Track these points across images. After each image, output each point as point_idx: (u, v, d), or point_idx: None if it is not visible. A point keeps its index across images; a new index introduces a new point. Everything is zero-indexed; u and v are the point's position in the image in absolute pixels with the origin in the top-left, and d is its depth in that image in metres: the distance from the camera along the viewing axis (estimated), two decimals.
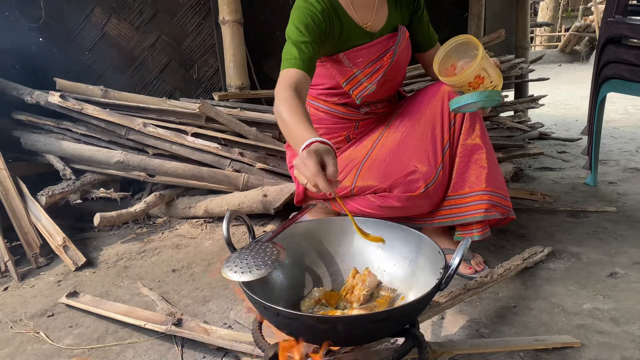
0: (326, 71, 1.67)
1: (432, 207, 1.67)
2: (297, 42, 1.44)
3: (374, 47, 1.64)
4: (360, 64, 1.63)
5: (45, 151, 2.43)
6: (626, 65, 2.18)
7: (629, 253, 1.82)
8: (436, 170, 1.60)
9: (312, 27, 1.48)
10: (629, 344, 1.30)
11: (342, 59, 1.63)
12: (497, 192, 1.62)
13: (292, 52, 1.43)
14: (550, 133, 3.87)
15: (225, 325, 1.47)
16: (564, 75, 9.18)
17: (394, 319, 1.03)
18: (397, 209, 1.62)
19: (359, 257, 1.37)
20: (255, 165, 2.40)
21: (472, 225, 1.66)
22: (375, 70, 1.64)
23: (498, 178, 1.65)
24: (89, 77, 2.79)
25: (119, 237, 2.27)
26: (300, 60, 1.42)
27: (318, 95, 1.75)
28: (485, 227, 1.67)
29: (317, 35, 1.48)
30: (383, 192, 1.64)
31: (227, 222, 1.19)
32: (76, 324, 1.55)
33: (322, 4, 1.53)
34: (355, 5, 1.61)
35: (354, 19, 1.61)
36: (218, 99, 2.68)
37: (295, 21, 1.49)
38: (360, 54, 1.63)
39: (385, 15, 1.66)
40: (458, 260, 1.04)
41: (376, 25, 1.65)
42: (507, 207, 1.66)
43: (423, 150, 1.62)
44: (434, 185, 1.60)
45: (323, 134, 1.78)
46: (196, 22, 2.84)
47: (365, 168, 1.67)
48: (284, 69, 1.43)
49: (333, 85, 1.69)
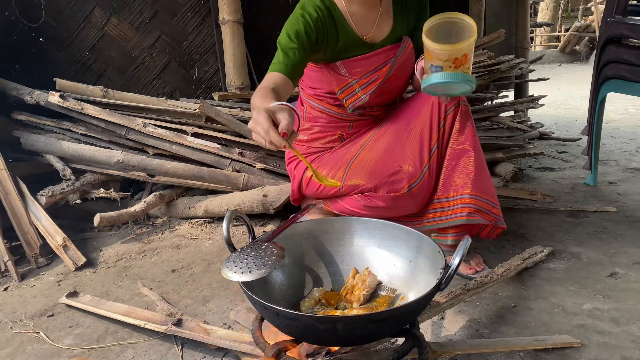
0: (322, 76, 1.68)
1: (418, 208, 1.67)
2: (285, 48, 1.47)
3: (374, 57, 1.63)
4: (357, 74, 1.63)
5: (45, 151, 2.43)
6: (626, 65, 2.18)
7: (629, 253, 1.82)
8: (421, 171, 1.59)
9: (302, 35, 1.48)
10: (629, 344, 1.30)
11: (340, 67, 1.63)
12: (483, 197, 1.59)
13: (279, 57, 1.47)
14: (550, 133, 3.87)
15: (225, 325, 1.47)
16: (564, 75, 9.19)
17: (394, 319, 1.03)
18: (382, 209, 1.62)
19: (359, 257, 1.37)
20: (255, 165, 2.40)
21: (448, 229, 1.65)
22: (371, 82, 1.64)
23: (485, 183, 1.62)
24: (89, 77, 2.79)
25: (118, 237, 2.27)
26: (284, 65, 1.44)
27: (313, 95, 1.75)
28: (462, 233, 1.65)
29: (306, 43, 1.49)
30: (369, 192, 1.64)
31: (227, 222, 1.19)
32: (76, 324, 1.55)
33: (318, 13, 1.53)
34: (355, 17, 1.59)
35: (354, 30, 1.59)
36: (218, 99, 2.68)
37: (287, 28, 1.51)
38: (358, 64, 1.63)
39: (389, 26, 1.64)
40: (458, 260, 1.04)
41: (378, 36, 1.63)
42: (495, 214, 1.61)
43: (410, 151, 1.62)
44: (417, 186, 1.59)
45: (317, 132, 1.79)
46: (196, 22, 2.84)
47: (353, 167, 1.68)
48: (269, 71, 1.46)
49: (329, 91, 1.70)
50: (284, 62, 1.45)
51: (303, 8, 1.54)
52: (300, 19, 1.51)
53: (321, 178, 1.30)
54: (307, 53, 1.51)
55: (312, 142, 1.81)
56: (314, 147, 1.81)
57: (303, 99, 1.82)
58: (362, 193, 1.66)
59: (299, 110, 1.82)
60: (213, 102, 2.64)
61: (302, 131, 1.81)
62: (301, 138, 1.81)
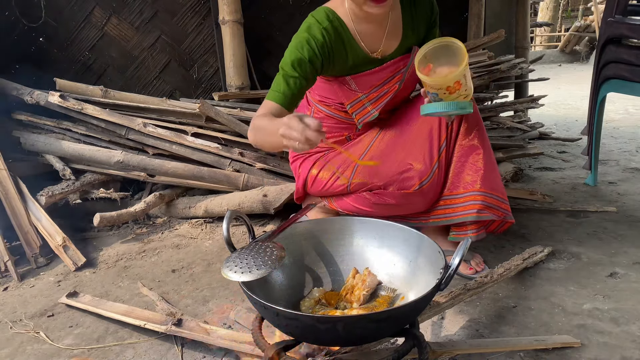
0: (332, 89, 1.68)
1: (427, 206, 1.67)
2: (286, 76, 1.47)
3: (383, 71, 1.62)
4: (366, 88, 1.63)
5: (45, 151, 2.43)
6: (626, 65, 2.17)
7: (629, 253, 1.82)
8: (431, 169, 1.60)
9: (305, 63, 1.47)
10: (629, 344, 1.30)
11: (349, 82, 1.63)
12: (492, 194, 1.61)
13: (280, 85, 1.47)
14: (550, 133, 3.87)
15: (225, 325, 1.47)
16: (564, 75, 9.18)
17: (394, 319, 1.03)
18: (392, 207, 1.63)
19: (359, 257, 1.37)
20: (255, 165, 2.40)
21: (467, 225, 1.66)
22: (381, 96, 1.64)
23: (495, 180, 1.63)
24: (89, 77, 2.79)
25: (118, 237, 2.27)
26: (283, 96, 1.45)
27: (320, 102, 1.76)
28: (480, 229, 1.67)
29: (309, 71, 1.49)
30: (378, 190, 1.65)
31: (227, 222, 1.19)
32: (76, 324, 1.55)
33: (325, 37, 1.50)
34: (363, 35, 1.57)
35: (362, 48, 1.58)
36: (218, 99, 2.68)
37: (291, 52, 1.49)
38: (368, 78, 1.62)
39: (398, 39, 1.62)
40: (458, 260, 1.04)
41: (387, 50, 1.62)
42: (504, 209, 1.64)
43: (419, 148, 1.62)
44: (428, 183, 1.60)
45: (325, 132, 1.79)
46: (196, 22, 2.84)
47: (362, 165, 1.68)
48: (267, 99, 1.47)
49: (339, 101, 1.70)
50: (283, 93, 1.45)
51: (309, 31, 1.50)
52: (305, 45, 1.48)
53: (358, 160, 1.39)
54: (309, 80, 1.51)
55: None
56: (320, 146, 1.81)
57: (310, 101, 1.82)
58: (370, 190, 1.66)
59: (305, 111, 1.83)
60: (213, 102, 2.64)
61: None
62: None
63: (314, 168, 1.78)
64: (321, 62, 1.51)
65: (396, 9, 1.59)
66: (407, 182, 1.60)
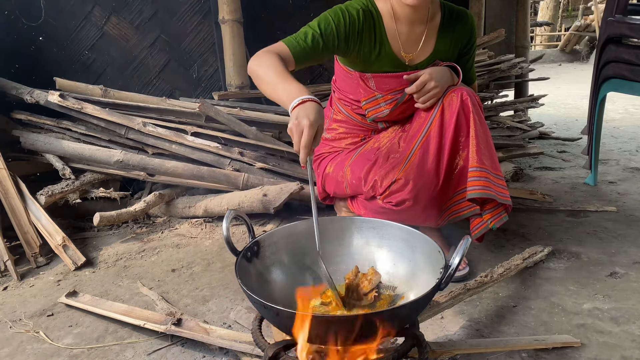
0: (352, 83, 1.68)
1: (430, 218, 1.64)
2: (308, 29, 1.48)
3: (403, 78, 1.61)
4: (384, 90, 1.64)
5: (44, 150, 2.43)
6: (626, 65, 2.18)
7: (629, 253, 1.82)
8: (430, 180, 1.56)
9: (331, 25, 1.49)
10: (629, 344, 1.30)
11: (369, 80, 1.63)
12: (489, 170, 1.50)
13: (300, 34, 1.48)
14: (550, 133, 3.87)
15: (225, 325, 1.47)
16: (564, 74, 9.18)
17: (394, 318, 1.03)
18: (393, 215, 1.58)
19: (359, 257, 1.37)
20: (255, 164, 2.39)
21: (482, 216, 1.56)
22: (395, 99, 1.65)
23: (491, 158, 1.54)
24: (89, 77, 2.78)
25: (118, 236, 2.27)
26: (298, 45, 1.46)
27: (340, 99, 1.78)
28: (500, 214, 1.56)
29: (330, 34, 1.49)
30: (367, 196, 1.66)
31: (227, 222, 1.19)
32: (76, 323, 1.55)
33: (359, 18, 1.51)
34: (397, 34, 1.57)
35: (393, 48, 1.58)
36: (218, 98, 2.68)
37: (321, 16, 1.51)
38: (388, 81, 1.62)
39: (430, 49, 1.62)
40: (458, 259, 1.04)
41: (418, 57, 1.62)
42: (501, 186, 1.52)
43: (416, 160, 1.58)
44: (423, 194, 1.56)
45: (342, 133, 1.82)
46: (196, 21, 2.84)
47: (351, 166, 1.72)
48: (282, 41, 1.47)
49: (355, 98, 1.71)
50: (299, 42, 1.46)
51: (346, 6, 1.53)
52: (338, 13, 1.51)
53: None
54: (327, 46, 1.50)
55: (334, 141, 1.84)
56: (335, 146, 1.84)
57: (333, 101, 1.85)
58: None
59: (328, 111, 1.85)
60: (213, 101, 2.63)
61: (328, 130, 1.84)
62: (324, 137, 1.83)
63: (329, 166, 1.82)
64: (345, 35, 1.51)
65: (435, 20, 1.61)
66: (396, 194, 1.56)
